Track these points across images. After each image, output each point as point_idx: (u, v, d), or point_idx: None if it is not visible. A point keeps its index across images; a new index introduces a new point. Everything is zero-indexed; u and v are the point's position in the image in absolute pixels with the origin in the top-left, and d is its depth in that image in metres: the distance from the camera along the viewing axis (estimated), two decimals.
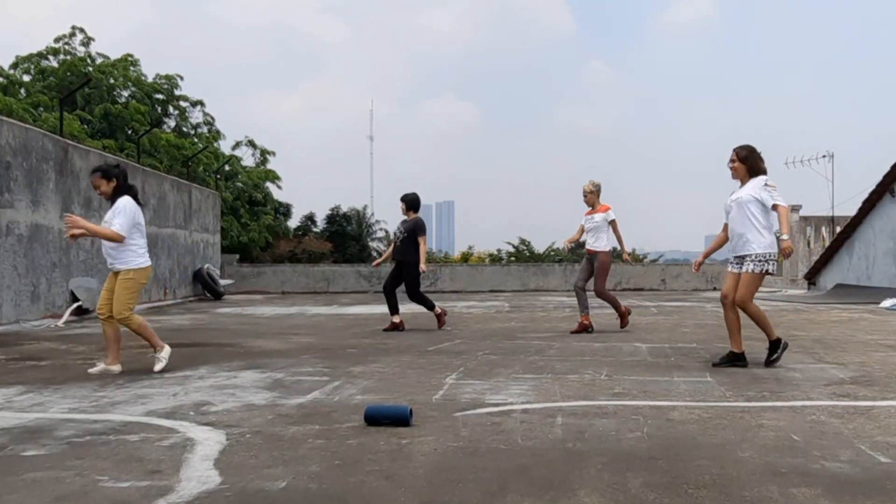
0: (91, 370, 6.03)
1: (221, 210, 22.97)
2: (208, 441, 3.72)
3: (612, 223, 8.99)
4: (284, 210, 34.12)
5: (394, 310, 9.61)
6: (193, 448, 3.59)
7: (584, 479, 3.06)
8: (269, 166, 32.91)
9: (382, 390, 5.12)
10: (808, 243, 21.52)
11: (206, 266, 18.79)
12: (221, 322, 11.43)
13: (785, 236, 5.85)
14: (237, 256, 24.35)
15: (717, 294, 19.51)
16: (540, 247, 32.75)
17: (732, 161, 6.18)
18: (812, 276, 20.51)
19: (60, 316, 11.37)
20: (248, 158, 32.39)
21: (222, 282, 19.40)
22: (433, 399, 4.78)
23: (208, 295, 18.47)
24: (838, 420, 4.12)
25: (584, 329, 8.90)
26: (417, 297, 9.64)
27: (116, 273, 6.03)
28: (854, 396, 4.83)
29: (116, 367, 6.01)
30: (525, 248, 32.76)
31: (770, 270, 5.98)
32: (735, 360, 6.07)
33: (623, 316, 9.22)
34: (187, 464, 3.32)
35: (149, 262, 6.16)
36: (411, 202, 9.75)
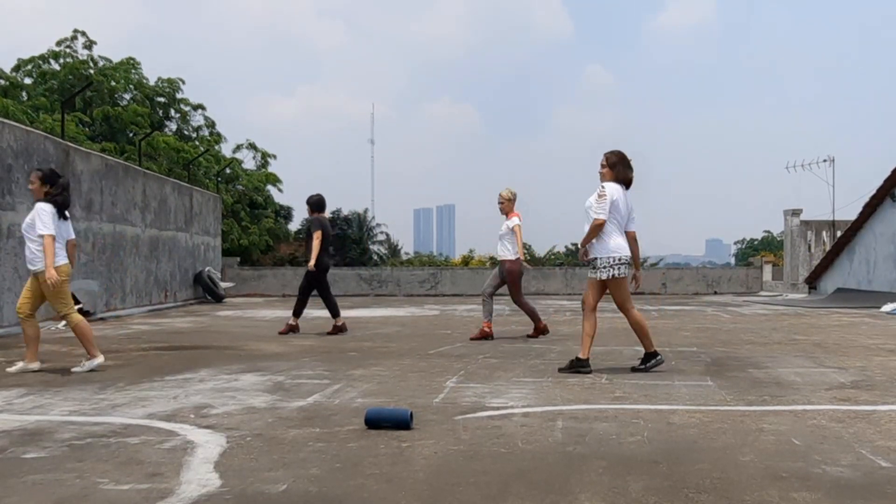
0: (10, 369, 6.23)
1: (222, 213, 22.99)
2: (208, 444, 3.72)
3: (514, 229, 8.65)
4: (285, 213, 34.16)
5: (297, 312, 9.73)
6: (194, 451, 3.59)
7: (585, 483, 3.06)
8: (269, 169, 32.98)
9: (383, 393, 5.11)
10: (809, 247, 21.53)
11: (206, 269, 18.80)
12: (222, 325, 11.43)
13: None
14: (238, 259, 24.36)
15: (718, 298, 19.54)
16: (540, 250, 32.78)
17: (602, 166, 6.05)
18: (813, 281, 20.50)
19: (61, 319, 11.37)
20: (248, 161, 32.46)
21: (223, 284, 19.40)
22: (434, 402, 4.78)
23: (209, 298, 18.47)
24: (839, 424, 4.12)
25: (485, 336, 8.61)
26: (324, 298, 9.69)
27: (36, 275, 6.23)
28: (855, 401, 4.82)
29: (35, 365, 6.25)
30: (525, 251, 32.80)
31: (617, 274, 5.88)
32: (579, 365, 5.93)
33: (538, 330, 8.82)
34: (187, 467, 3.32)
35: (64, 261, 6.29)
36: (315, 204, 9.58)
